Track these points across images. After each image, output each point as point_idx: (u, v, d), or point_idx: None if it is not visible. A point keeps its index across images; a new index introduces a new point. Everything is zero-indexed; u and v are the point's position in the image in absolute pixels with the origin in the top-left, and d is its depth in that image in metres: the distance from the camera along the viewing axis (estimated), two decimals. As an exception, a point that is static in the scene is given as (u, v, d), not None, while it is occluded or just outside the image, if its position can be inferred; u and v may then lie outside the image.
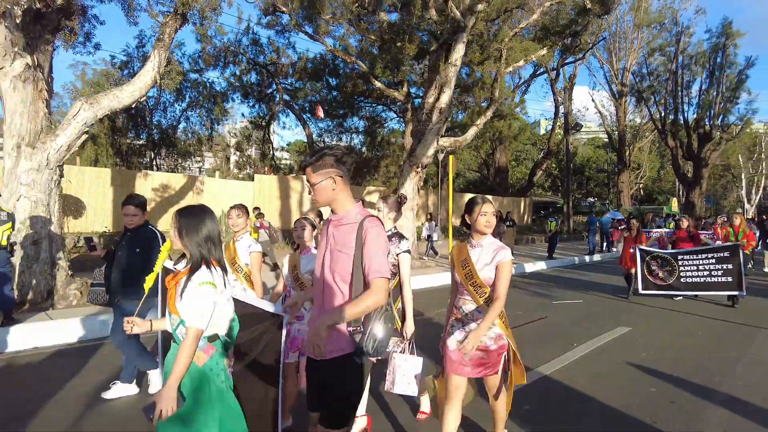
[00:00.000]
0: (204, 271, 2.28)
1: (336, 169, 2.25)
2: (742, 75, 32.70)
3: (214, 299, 2.27)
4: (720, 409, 3.98)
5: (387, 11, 13.97)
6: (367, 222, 2.23)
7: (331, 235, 2.31)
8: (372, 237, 2.20)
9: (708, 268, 8.35)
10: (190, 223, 2.34)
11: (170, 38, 8.64)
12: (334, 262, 2.25)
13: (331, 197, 2.27)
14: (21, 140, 7.37)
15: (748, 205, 49.07)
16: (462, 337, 2.92)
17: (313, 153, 2.31)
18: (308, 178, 2.28)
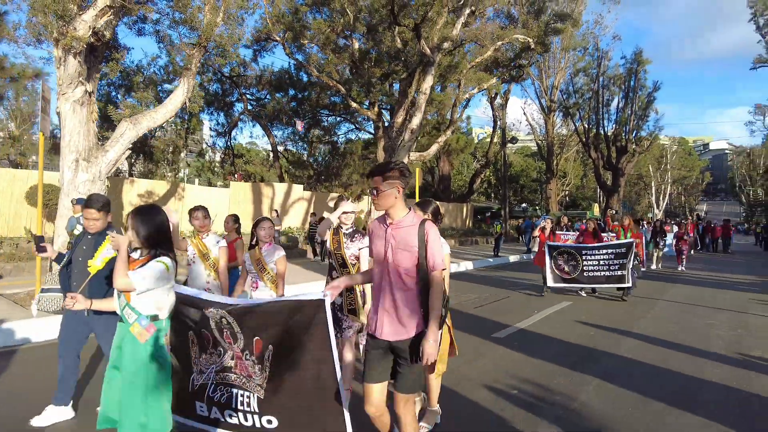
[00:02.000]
0: (160, 257, 2.71)
1: (400, 181, 2.65)
2: (651, 96, 37.47)
3: (165, 276, 2.70)
4: (627, 339, 6.26)
5: (361, 42, 15.94)
6: (427, 224, 2.66)
7: (391, 236, 2.67)
8: (433, 236, 2.64)
9: (607, 263, 9.21)
10: (144, 220, 2.70)
11: (196, 67, 10.12)
12: (399, 259, 2.63)
13: (392, 204, 2.66)
14: (79, 155, 8.64)
15: (657, 210, 55.35)
16: None
17: (385, 164, 2.71)
18: (376, 184, 2.64)
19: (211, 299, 2.91)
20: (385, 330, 2.63)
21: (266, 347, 2.78)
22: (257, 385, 2.82)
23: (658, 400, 4.25)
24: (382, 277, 2.68)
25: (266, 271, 4.04)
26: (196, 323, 2.92)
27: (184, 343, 3.00)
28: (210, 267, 4.51)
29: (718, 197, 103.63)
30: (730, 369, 5.24)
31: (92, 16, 8.06)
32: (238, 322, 2.81)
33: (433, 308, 2.56)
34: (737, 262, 19.51)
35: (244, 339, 2.82)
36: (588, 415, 3.93)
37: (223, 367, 2.92)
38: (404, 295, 2.62)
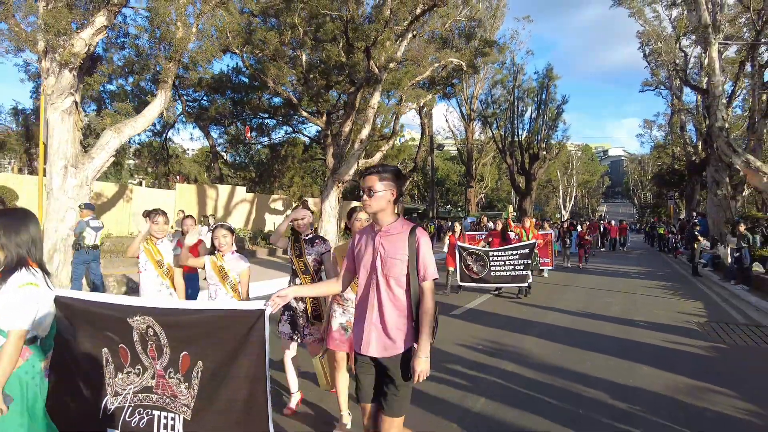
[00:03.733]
0: (23, 272, 2.21)
1: (395, 184, 2.52)
2: (560, 108, 41.65)
3: (37, 299, 2.22)
4: (551, 312, 8.21)
5: (308, 55, 17.19)
6: (418, 231, 2.50)
7: (380, 244, 2.51)
8: (425, 244, 2.48)
9: (513, 263, 9.51)
10: (9, 224, 2.28)
11: (171, 80, 10.93)
12: (388, 267, 2.47)
13: (383, 207, 2.50)
14: (67, 162, 9.24)
15: (564, 211, 61.01)
16: (345, 321, 3.61)
17: (381, 165, 2.62)
18: (370, 183, 2.48)
19: (138, 304, 2.62)
20: (372, 346, 2.46)
21: (195, 363, 2.49)
22: (183, 405, 2.51)
23: (575, 347, 6.14)
24: (369, 288, 2.52)
25: (228, 279, 3.84)
26: (113, 337, 2.61)
27: (96, 363, 2.64)
28: (164, 274, 4.27)
29: (615, 199, 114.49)
30: (621, 327, 7.32)
31: (90, 34, 8.77)
32: (166, 333, 2.52)
33: (425, 321, 2.41)
34: (630, 257, 22.95)
35: (170, 354, 2.53)
36: (530, 355, 5.69)
37: (143, 387, 2.60)
38: (393, 308, 2.47)
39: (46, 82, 9.13)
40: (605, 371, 5.21)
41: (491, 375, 5.07)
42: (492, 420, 3.95)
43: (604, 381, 4.90)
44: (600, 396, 4.49)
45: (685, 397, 4.51)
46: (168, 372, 2.55)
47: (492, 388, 4.69)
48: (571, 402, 4.33)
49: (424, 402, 4.23)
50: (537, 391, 4.61)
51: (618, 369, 5.30)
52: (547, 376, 5.04)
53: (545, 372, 5.16)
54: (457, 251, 9.95)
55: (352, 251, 2.72)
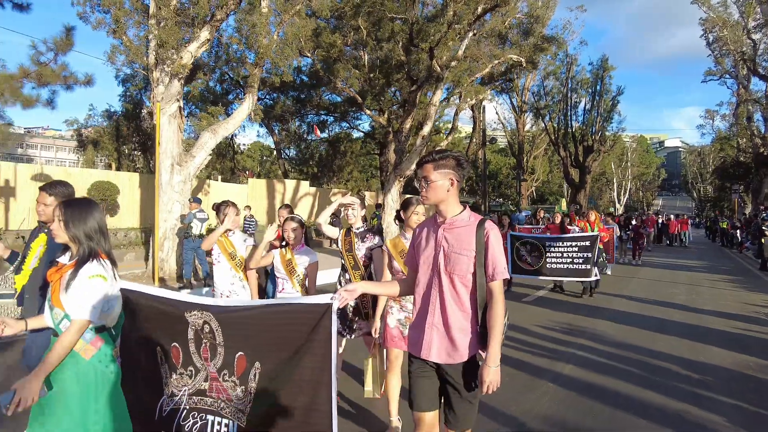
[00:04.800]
0: (93, 263, 2.20)
1: (455, 172, 2.28)
2: (615, 100, 40.80)
3: (105, 291, 2.19)
4: (618, 299, 8.69)
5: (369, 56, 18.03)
6: (488, 224, 2.28)
7: (443, 237, 2.30)
8: (495, 239, 2.26)
9: (570, 256, 8.82)
10: (77, 214, 2.23)
11: (257, 84, 12.02)
12: (452, 264, 2.26)
13: (443, 198, 2.28)
14: (173, 160, 10.47)
15: (618, 205, 59.55)
16: (402, 317, 3.38)
17: (439, 151, 2.35)
18: (426, 173, 2.29)
19: (194, 301, 2.49)
20: (433, 350, 2.26)
21: (252, 365, 2.31)
22: (238, 411, 2.35)
23: (645, 329, 6.69)
24: (431, 287, 2.32)
25: (295, 273, 3.78)
26: (167, 335, 2.50)
27: (152, 361, 2.53)
28: (236, 267, 4.20)
29: (672, 192, 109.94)
30: (688, 314, 7.76)
31: (195, 47, 9.92)
32: (223, 331, 2.37)
33: (495, 325, 2.18)
34: (690, 251, 22.61)
35: (224, 355, 2.38)
36: (604, 335, 6.30)
37: (197, 390, 2.46)
38: (458, 309, 2.26)
39: (156, 90, 10.38)
40: (677, 349, 5.75)
41: (571, 348, 5.73)
42: (580, 381, 4.63)
43: (676, 357, 5.45)
44: (673, 368, 5.07)
45: (755, 373, 5.01)
46: (222, 374, 2.38)
47: (575, 357, 5.37)
48: (647, 371, 4.94)
49: (519, 365, 4.97)
50: (615, 361, 5.24)
51: (689, 348, 5.83)
52: (622, 351, 5.64)
53: (620, 348, 5.76)
54: (509, 240, 9.42)
55: (413, 247, 2.50)
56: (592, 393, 4.34)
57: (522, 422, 3.73)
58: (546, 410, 3.96)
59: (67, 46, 13.76)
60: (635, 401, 4.16)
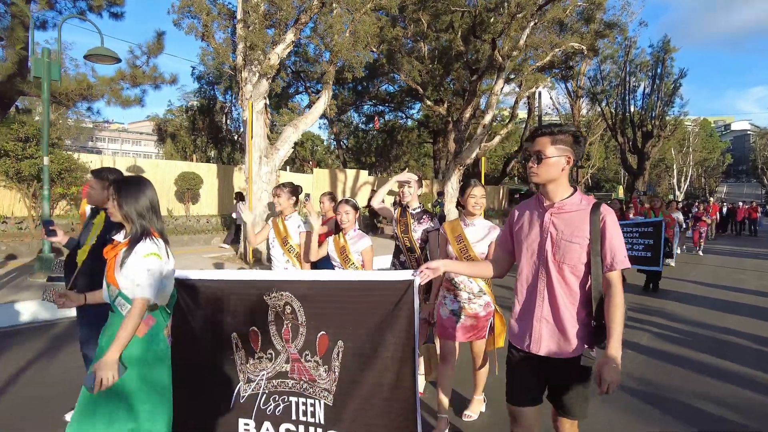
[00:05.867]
0: (147, 242, 2.23)
1: (572, 149, 2.09)
2: (677, 83, 39.32)
3: (160, 269, 2.23)
4: (684, 282, 9.00)
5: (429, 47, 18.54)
6: (603, 208, 2.07)
7: (550, 223, 2.12)
8: (613, 224, 2.06)
9: (630, 241, 8.41)
10: (130, 193, 2.27)
11: (331, 80, 12.88)
12: (562, 252, 2.08)
13: (555, 177, 2.09)
14: (261, 153, 11.52)
15: (678, 192, 57.36)
16: (456, 307, 3.28)
17: (555, 125, 2.14)
18: (540, 147, 2.08)
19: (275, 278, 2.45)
20: (543, 344, 2.15)
21: (335, 344, 2.28)
22: (323, 390, 2.31)
23: (714, 309, 7.09)
24: (537, 277, 2.17)
25: (350, 261, 3.65)
26: (244, 320, 2.44)
27: (226, 348, 2.47)
28: (289, 252, 4.08)
29: (738, 179, 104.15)
30: (757, 298, 8.05)
31: (282, 48, 10.86)
32: (305, 310, 2.33)
33: (614, 320, 2.00)
34: (758, 240, 21.93)
35: (305, 335, 2.34)
36: (673, 313, 6.77)
37: (277, 373, 2.41)
38: (570, 301, 2.12)
39: (245, 89, 11.41)
40: (746, 327, 6.18)
41: (645, 324, 6.27)
42: (656, 350, 5.21)
43: (745, 333, 5.89)
44: (743, 342, 5.54)
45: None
46: (304, 355, 2.34)
47: (650, 331, 5.92)
48: (717, 343, 5.44)
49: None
50: (687, 335, 5.76)
51: (758, 326, 6.23)
52: (693, 327, 6.13)
53: (690, 325, 6.25)
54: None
55: (510, 230, 2.34)
56: (668, 359, 4.92)
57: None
58: (628, 369, 4.58)
59: (158, 50, 15.14)
60: (709, 366, 4.71)
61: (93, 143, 54.11)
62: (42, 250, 8.14)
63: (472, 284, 3.24)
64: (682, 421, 3.56)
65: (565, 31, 19.05)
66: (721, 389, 4.16)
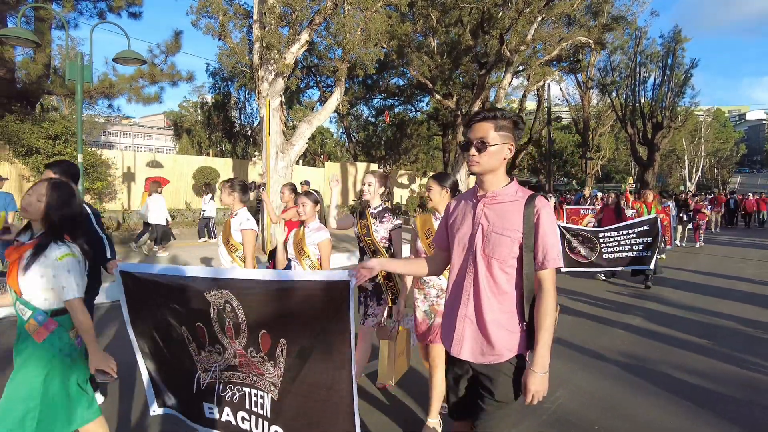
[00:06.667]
0: (59, 245, 2.21)
1: (513, 136, 1.95)
2: (688, 74, 39.12)
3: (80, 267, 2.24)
4: (684, 272, 9.39)
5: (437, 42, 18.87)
6: (539, 200, 1.91)
7: (482, 214, 1.96)
8: (547, 218, 1.89)
9: (629, 243, 8.16)
10: (58, 196, 2.27)
11: (344, 77, 13.33)
12: (492, 245, 1.91)
13: (496, 167, 1.93)
14: (278, 148, 12.03)
15: (690, 183, 57.10)
16: (427, 307, 3.13)
17: (497, 109, 1.96)
18: (483, 134, 1.90)
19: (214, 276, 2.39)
20: (465, 347, 1.95)
21: (277, 341, 2.27)
22: (270, 384, 2.33)
23: (708, 296, 7.51)
24: (465, 272, 1.99)
25: (305, 254, 3.50)
26: (190, 315, 2.45)
27: (181, 340, 2.52)
28: (231, 252, 3.77)
29: (753, 169, 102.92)
30: (753, 285, 8.44)
31: (297, 48, 11.32)
32: (244, 309, 2.31)
33: (542, 326, 1.83)
34: (766, 231, 22.05)
35: (248, 333, 2.33)
36: (668, 298, 7.20)
37: (228, 366, 2.45)
38: (497, 300, 1.92)
39: (261, 87, 11.90)
40: (736, 311, 6.59)
41: (638, 307, 6.71)
42: (647, 330, 5.66)
43: (734, 316, 6.30)
44: (729, 323, 5.96)
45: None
46: (249, 351, 2.34)
47: (642, 313, 6.37)
48: (708, 326, 5.87)
49: (591, 317, 6.02)
50: (679, 318, 6.19)
51: (748, 311, 6.64)
52: (686, 312, 6.56)
53: (683, 309, 6.67)
54: (558, 231, 8.01)
55: (445, 223, 2.18)
56: (658, 338, 5.36)
57: (601, 355, 4.83)
58: (620, 347, 5.04)
59: (176, 48, 15.68)
60: (696, 345, 5.14)
61: (105, 137, 55.05)
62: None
63: (441, 280, 3.07)
64: (664, 389, 4.01)
65: (574, 25, 19.30)
66: (705, 364, 4.60)
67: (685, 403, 3.74)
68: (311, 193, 3.66)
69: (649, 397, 3.87)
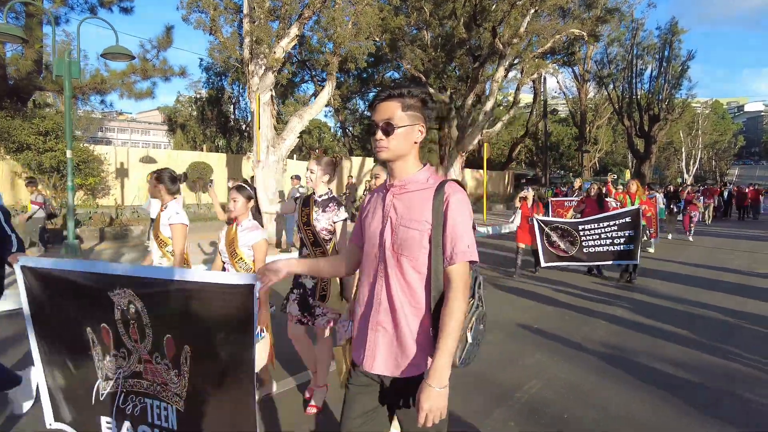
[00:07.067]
0: None
1: (424, 117, 1.70)
2: (684, 66, 39.09)
3: None
4: (673, 263, 9.45)
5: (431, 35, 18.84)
6: (448, 187, 1.66)
7: (391, 205, 1.71)
8: (457, 206, 1.63)
9: (611, 236, 7.84)
10: None
11: (335, 71, 13.32)
12: (400, 241, 1.66)
13: (405, 151, 1.67)
14: (269, 142, 12.04)
15: (687, 175, 57.12)
16: None
17: (403, 85, 1.69)
18: (389, 115, 1.64)
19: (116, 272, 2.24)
20: (378, 358, 1.68)
21: (182, 347, 2.13)
22: (174, 395, 2.19)
23: (695, 287, 7.56)
24: (376, 272, 1.72)
25: (238, 257, 3.25)
26: (95, 315, 2.30)
27: (82, 343, 2.35)
28: (161, 247, 3.57)
29: (752, 161, 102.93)
30: (739, 276, 8.50)
31: (286, 42, 11.31)
32: (148, 311, 2.17)
33: (445, 329, 1.54)
34: (761, 223, 22.04)
35: (152, 337, 2.19)
36: (656, 290, 7.25)
37: (132, 372, 2.29)
38: (411, 303, 1.66)
39: (251, 81, 11.89)
40: (720, 301, 6.64)
41: (623, 298, 6.77)
42: (629, 320, 5.71)
43: (717, 306, 6.35)
44: (710, 314, 6.02)
45: (787, 318, 5.86)
46: (154, 357, 2.20)
47: (626, 304, 6.42)
48: (690, 316, 5.92)
49: (573, 307, 6.07)
50: (662, 308, 6.24)
51: (731, 301, 6.69)
52: (669, 302, 6.61)
53: (667, 300, 6.72)
54: (536, 225, 8.18)
55: (360, 219, 1.93)
56: (640, 329, 5.41)
57: (581, 345, 4.88)
58: (601, 338, 5.09)
59: (167, 43, 15.65)
60: (676, 335, 5.19)
61: (102, 133, 54.98)
62: (67, 237, 8.76)
63: None
64: (640, 379, 4.06)
65: (568, 17, 19.25)
66: (683, 354, 4.64)
67: (658, 392, 3.78)
68: (244, 187, 3.36)
69: (623, 386, 3.91)
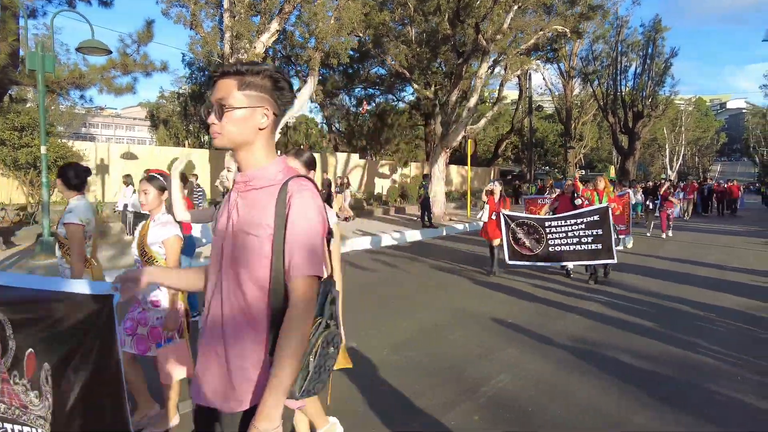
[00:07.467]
0: None
1: (272, 99, 1.39)
2: (668, 63, 39.59)
3: None
4: (654, 258, 9.58)
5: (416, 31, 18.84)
6: (292, 184, 1.35)
7: (234, 205, 1.43)
8: (300, 208, 1.33)
9: (577, 235, 7.53)
10: None
11: (317, 66, 13.26)
12: (239, 249, 1.37)
13: (246, 139, 1.37)
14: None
15: (671, 172, 57.90)
16: None
17: (245, 62, 1.40)
18: (224, 95, 1.35)
19: None
20: (207, 389, 1.41)
21: (41, 366, 1.91)
22: (39, 417, 1.95)
23: (671, 281, 7.67)
24: (215, 286, 1.44)
25: (148, 255, 2.95)
26: None
27: None
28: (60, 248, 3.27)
29: (733, 158, 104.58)
30: (713, 270, 8.64)
31: (267, 37, 11.22)
32: (11, 322, 1.95)
33: (282, 352, 1.28)
34: (740, 218, 22.31)
35: (15, 351, 1.96)
36: (631, 285, 7.34)
37: None
38: (248, 325, 1.36)
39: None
40: (692, 295, 6.75)
41: (598, 294, 6.85)
42: (603, 315, 5.79)
43: (690, 301, 6.45)
44: (683, 308, 6.11)
45: (754, 311, 5.97)
46: (12, 376, 1.98)
47: (600, 298, 6.50)
48: (661, 309, 6.01)
49: (549, 302, 6.13)
50: (635, 303, 6.32)
51: (703, 294, 6.80)
52: (643, 296, 6.71)
53: (641, 294, 6.83)
54: (503, 220, 7.91)
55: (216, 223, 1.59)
56: (612, 323, 5.48)
57: (552, 340, 4.92)
58: (573, 332, 5.14)
59: (148, 38, 15.38)
60: (648, 330, 5.26)
61: (86, 129, 54.17)
62: (42, 234, 8.62)
63: None
64: (608, 372, 4.11)
65: (553, 14, 19.34)
66: (653, 347, 4.71)
67: (624, 386, 3.83)
68: (156, 177, 3.03)
69: (591, 379, 3.96)
